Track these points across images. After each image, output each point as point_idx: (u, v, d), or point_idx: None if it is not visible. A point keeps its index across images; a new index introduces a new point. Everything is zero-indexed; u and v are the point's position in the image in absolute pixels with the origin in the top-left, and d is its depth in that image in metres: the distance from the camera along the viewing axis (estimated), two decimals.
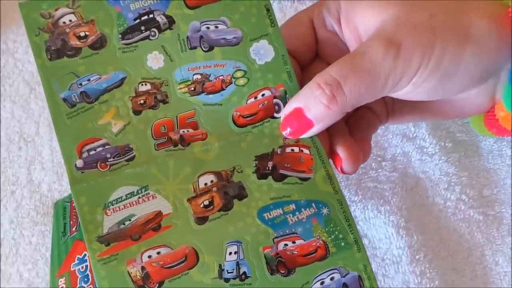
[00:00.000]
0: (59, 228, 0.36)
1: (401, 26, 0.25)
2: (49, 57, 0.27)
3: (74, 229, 0.35)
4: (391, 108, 0.32)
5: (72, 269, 0.32)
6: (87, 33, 0.27)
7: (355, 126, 0.30)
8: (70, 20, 0.27)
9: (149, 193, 0.26)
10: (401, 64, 0.24)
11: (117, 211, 0.26)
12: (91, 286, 0.32)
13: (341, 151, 0.28)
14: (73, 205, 0.36)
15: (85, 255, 0.33)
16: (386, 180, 0.36)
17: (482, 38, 0.24)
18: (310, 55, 0.31)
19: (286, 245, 0.26)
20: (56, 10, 0.27)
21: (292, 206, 0.27)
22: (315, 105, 0.25)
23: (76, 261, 0.33)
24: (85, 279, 0.32)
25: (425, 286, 0.32)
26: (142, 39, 0.27)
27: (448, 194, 0.35)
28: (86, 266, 0.32)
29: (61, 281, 0.32)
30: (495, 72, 0.26)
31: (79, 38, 0.27)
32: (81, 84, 0.27)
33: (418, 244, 0.34)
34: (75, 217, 0.35)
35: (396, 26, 0.25)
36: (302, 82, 0.28)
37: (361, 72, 0.24)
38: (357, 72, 0.24)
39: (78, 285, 0.32)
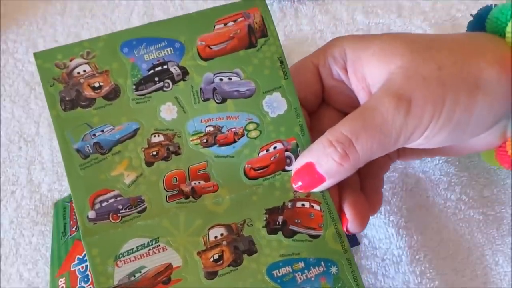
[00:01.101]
0: (59, 228, 0.36)
1: (410, 79, 0.25)
2: (63, 107, 0.27)
3: (74, 229, 0.35)
4: (402, 149, 0.32)
5: (72, 269, 0.32)
6: (101, 83, 0.27)
7: (368, 170, 0.31)
8: (85, 71, 0.27)
9: (159, 245, 0.26)
10: (412, 120, 0.24)
11: (128, 262, 0.26)
12: (91, 286, 0.32)
13: (348, 211, 0.28)
14: (73, 205, 0.36)
15: (85, 255, 0.33)
16: (386, 180, 0.36)
17: (493, 86, 0.24)
18: (316, 102, 0.31)
19: None
20: (70, 60, 0.27)
21: (301, 264, 0.27)
22: (327, 161, 0.25)
23: (76, 261, 0.33)
24: (85, 279, 0.32)
25: (425, 286, 0.33)
26: (155, 90, 0.27)
27: (448, 194, 0.35)
28: (86, 266, 0.32)
29: (61, 281, 0.32)
30: (507, 115, 0.26)
31: (94, 88, 0.27)
32: (94, 135, 0.27)
33: (418, 244, 0.34)
34: (75, 217, 0.35)
35: (405, 79, 0.25)
36: (310, 129, 0.29)
37: (372, 130, 0.24)
38: (369, 130, 0.25)
39: (78, 285, 0.32)
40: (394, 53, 0.26)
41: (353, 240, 0.35)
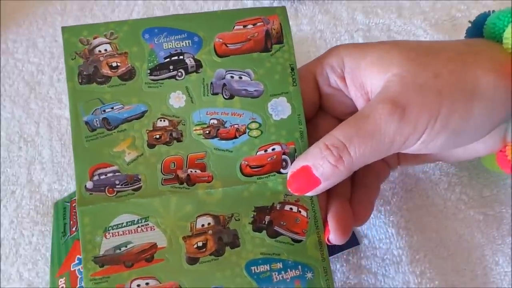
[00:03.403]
0: (59, 228, 0.36)
1: (406, 87, 0.25)
2: (80, 81, 0.29)
3: (74, 229, 0.35)
4: (403, 155, 0.32)
5: (72, 269, 0.33)
6: (119, 64, 0.29)
7: (363, 179, 0.32)
8: (106, 50, 0.29)
9: (148, 224, 0.28)
10: (407, 127, 0.25)
11: (116, 236, 0.27)
12: None
13: (331, 223, 0.29)
14: (73, 205, 0.36)
15: None
16: (386, 180, 0.36)
17: (490, 94, 0.25)
18: (313, 110, 0.32)
19: None
20: (94, 38, 0.29)
21: (280, 265, 0.28)
22: (322, 164, 0.26)
23: (76, 261, 0.33)
24: None
25: (425, 286, 0.33)
26: (168, 78, 0.29)
27: (448, 194, 0.36)
28: None
29: (61, 281, 0.33)
30: (505, 121, 0.27)
31: (111, 67, 0.29)
32: (104, 110, 0.29)
33: (418, 244, 0.34)
34: (74, 217, 0.36)
35: (401, 87, 0.25)
36: (307, 135, 0.30)
37: (365, 136, 0.25)
38: (361, 136, 0.25)
39: (78, 285, 0.32)
40: (391, 61, 0.26)
41: (353, 240, 0.35)
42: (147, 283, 0.27)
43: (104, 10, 0.50)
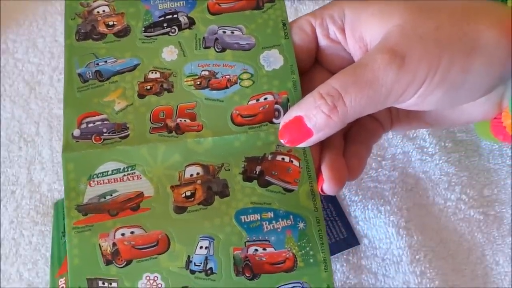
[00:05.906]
0: (59, 228, 0.36)
1: (406, 37, 0.25)
2: (77, 38, 0.30)
3: None
4: (396, 116, 0.32)
5: None
6: (115, 22, 0.30)
7: (356, 136, 0.31)
8: (104, 11, 0.31)
9: (134, 172, 0.27)
10: (405, 77, 0.25)
11: (101, 184, 0.27)
12: None
13: (325, 172, 0.28)
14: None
15: None
16: (386, 180, 0.37)
17: (491, 50, 0.25)
18: (309, 62, 0.31)
19: (256, 250, 0.27)
20: (94, 1, 0.31)
21: (270, 214, 0.27)
22: (316, 114, 0.26)
23: None
24: None
25: (425, 286, 0.33)
26: (162, 34, 0.30)
27: (448, 194, 0.36)
28: None
29: (61, 281, 0.33)
30: (504, 81, 0.26)
31: (107, 26, 0.30)
32: (98, 64, 0.29)
33: (418, 244, 0.34)
34: None
35: (401, 37, 0.25)
36: (301, 88, 0.30)
37: (362, 84, 0.25)
38: (358, 84, 0.25)
39: None
40: (392, 13, 0.26)
41: (353, 240, 0.35)
42: (132, 232, 0.27)
43: None
